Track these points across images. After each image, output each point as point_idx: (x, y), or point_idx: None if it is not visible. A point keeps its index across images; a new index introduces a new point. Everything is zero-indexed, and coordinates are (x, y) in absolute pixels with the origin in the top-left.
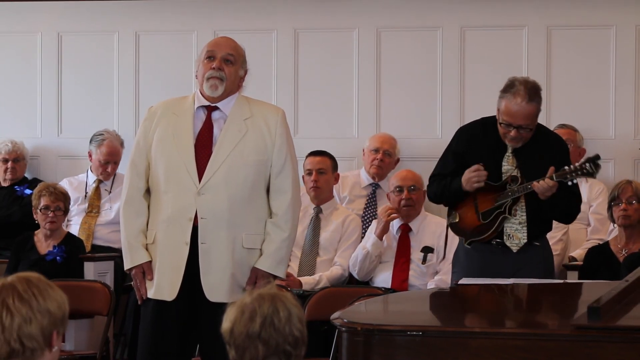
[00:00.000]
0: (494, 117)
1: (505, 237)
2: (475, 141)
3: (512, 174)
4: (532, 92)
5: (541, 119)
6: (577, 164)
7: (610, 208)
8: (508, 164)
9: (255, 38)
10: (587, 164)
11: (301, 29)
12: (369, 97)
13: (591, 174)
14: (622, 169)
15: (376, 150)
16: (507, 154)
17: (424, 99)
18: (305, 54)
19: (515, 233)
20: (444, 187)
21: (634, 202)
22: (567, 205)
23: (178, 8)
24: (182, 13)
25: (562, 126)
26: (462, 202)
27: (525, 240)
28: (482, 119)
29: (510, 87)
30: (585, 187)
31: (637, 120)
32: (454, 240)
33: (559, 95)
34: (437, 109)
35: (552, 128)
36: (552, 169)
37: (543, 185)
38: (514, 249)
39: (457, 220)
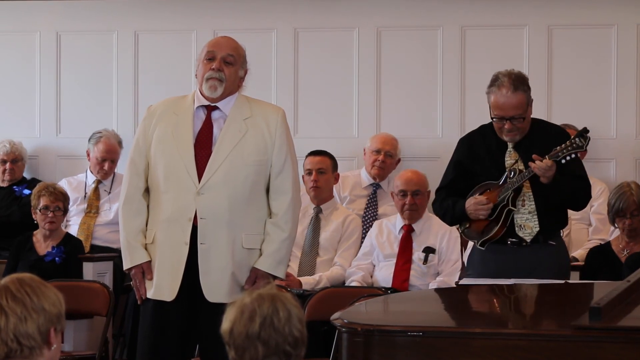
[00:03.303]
0: (491, 123)
1: (517, 229)
2: (475, 146)
3: (512, 168)
4: (517, 81)
5: (542, 119)
6: (567, 142)
7: (612, 215)
8: (511, 159)
9: (255, 37)
10: (576, 138)
11: (301, 29)
12: (369, 97)
13: (581, 147)
14: (623, 169)
15: (377, 151)
16: (509, 149)
17: (424, 99)
18: (305, 54)
19: (526, 222)
20: (445, 210)
21: (637, 214)
22: (572, 188)
23: (177, 7)
24: (182, 12)
25: (563, 126)
26: None
27: (538, 229)
28: (480, 126)
29: (494, 81)
30: None
31: (638, 119)
32: (469, 243)
33: (560, 95)
34: (437, 109)
35: None
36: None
37: (541, 165)
38: (527, 238)
39: (467, 225)
